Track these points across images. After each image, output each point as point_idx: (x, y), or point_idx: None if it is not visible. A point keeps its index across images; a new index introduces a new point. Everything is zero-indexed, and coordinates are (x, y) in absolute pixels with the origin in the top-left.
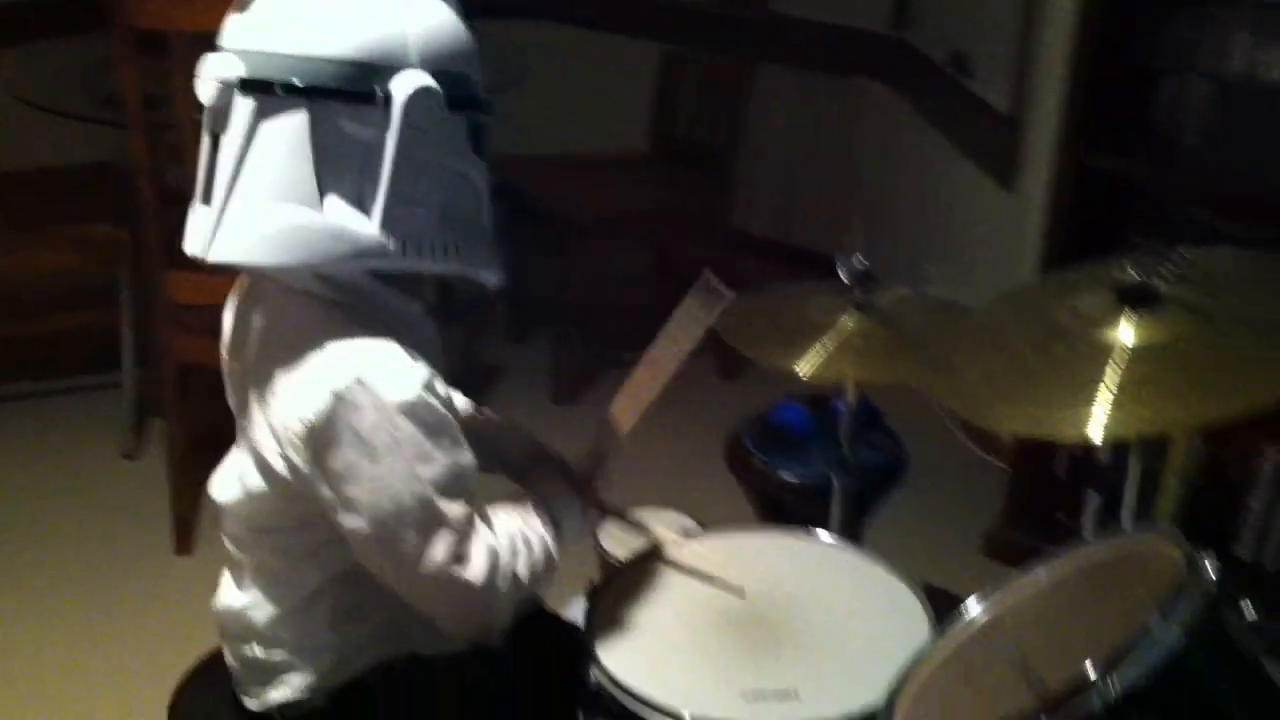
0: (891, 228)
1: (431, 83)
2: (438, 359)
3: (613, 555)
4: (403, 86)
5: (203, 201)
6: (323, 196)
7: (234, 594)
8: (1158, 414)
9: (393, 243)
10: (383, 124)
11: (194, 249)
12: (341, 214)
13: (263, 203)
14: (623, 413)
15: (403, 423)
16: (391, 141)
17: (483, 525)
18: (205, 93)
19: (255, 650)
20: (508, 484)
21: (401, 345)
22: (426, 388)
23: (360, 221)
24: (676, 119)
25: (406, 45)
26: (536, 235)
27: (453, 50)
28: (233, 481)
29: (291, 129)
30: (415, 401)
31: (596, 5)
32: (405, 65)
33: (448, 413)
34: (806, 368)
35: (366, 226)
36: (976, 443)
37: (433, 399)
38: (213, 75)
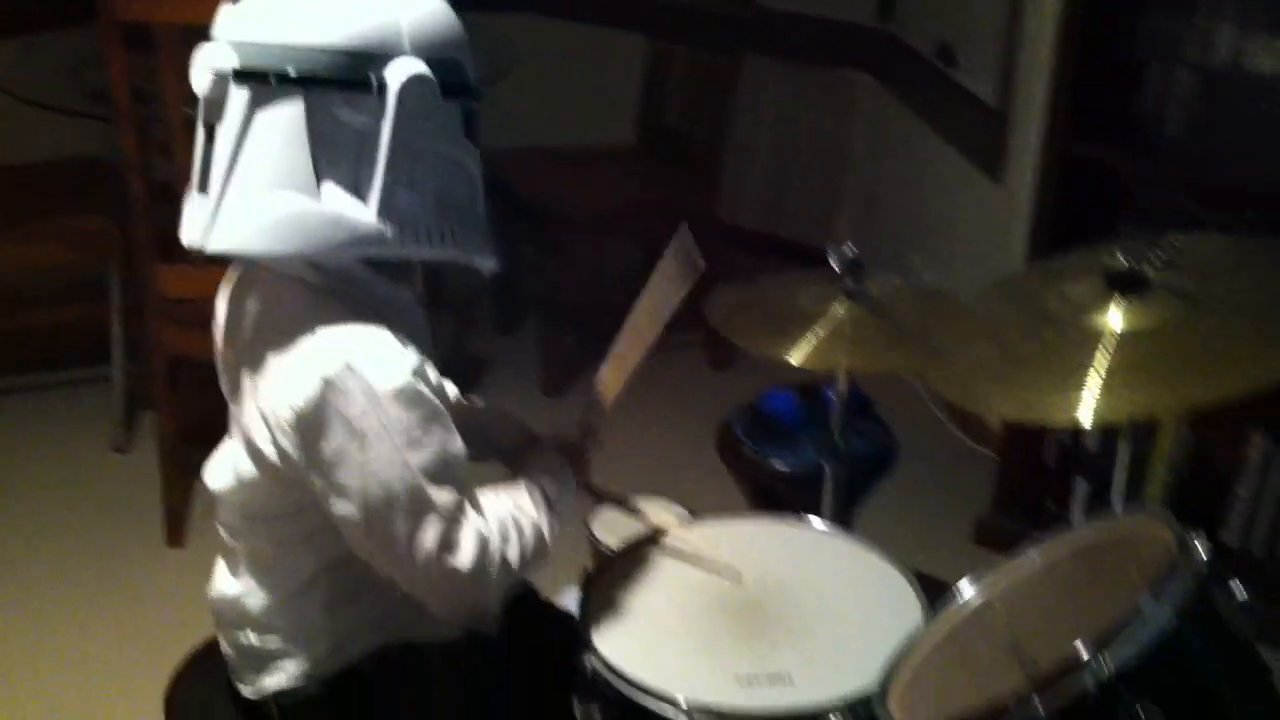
0: (879, 219)
1: (425, 70)
2: (428, 347)
3: (605, 544)
4: (397, 74)
5: (199, 190)
6: (320, 184)
7: (228, 581)
8: (1147, 398)
9: (390, 229)
10: (378, 111)
11: (191, 239)
12: (339, 201)
13: (260, 191)
14: (609, 380)
15: (392, 409)
16: (387, 129)
17: (473, 512)
18: (200, 84)
19: (250, 638)
20: (499, 471)
21: (392, 332)
22: (416, 374)
23: (358, 209)
24: (664, 111)
25: (400, 33)
26: (524, 227)
27: (445, 37)
28: (226, 469)
29: (287, 118)
30: (405, 388)
31: None
32: (399, 53)
33: (438, 400)
34: (798, 356)
35: (364, 214)
36: (966, 432)
37: (423, 386)
38: (207, 66)
